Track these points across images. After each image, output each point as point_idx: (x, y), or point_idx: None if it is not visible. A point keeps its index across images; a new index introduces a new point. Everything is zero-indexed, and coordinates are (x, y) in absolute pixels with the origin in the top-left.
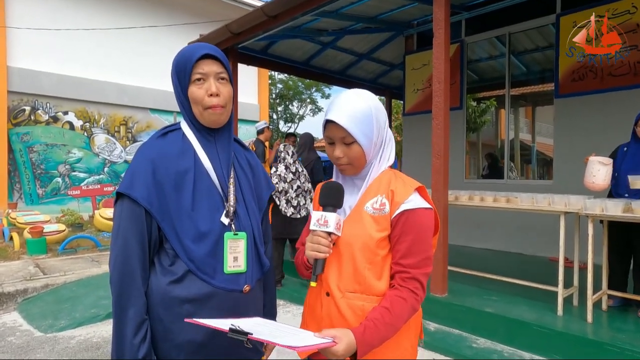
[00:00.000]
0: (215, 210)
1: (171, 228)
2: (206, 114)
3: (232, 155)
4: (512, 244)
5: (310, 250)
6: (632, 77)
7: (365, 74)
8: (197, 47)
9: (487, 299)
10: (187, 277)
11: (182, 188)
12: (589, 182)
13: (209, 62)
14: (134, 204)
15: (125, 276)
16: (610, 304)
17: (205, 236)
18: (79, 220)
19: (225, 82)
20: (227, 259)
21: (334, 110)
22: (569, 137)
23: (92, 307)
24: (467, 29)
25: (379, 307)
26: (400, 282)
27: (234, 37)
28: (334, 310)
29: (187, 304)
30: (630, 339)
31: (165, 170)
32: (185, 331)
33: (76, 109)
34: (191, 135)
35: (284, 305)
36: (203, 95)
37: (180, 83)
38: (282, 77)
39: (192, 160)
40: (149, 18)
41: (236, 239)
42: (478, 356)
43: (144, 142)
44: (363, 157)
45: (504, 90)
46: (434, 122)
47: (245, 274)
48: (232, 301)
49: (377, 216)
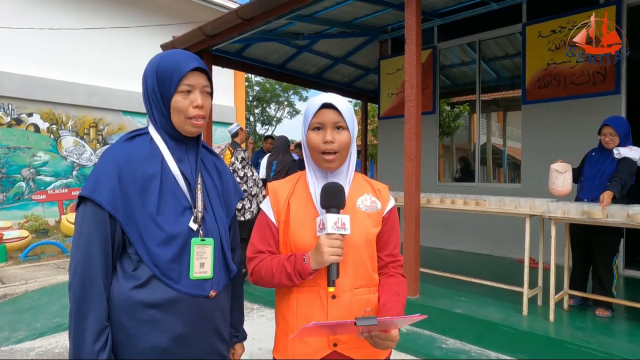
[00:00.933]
0: (181, 215)
1: (136, 232)
2: (187, 124)
3: (200, 162)
4: (482, 245)
5: (331, 255)
6: (591, 86)
7: (341, 78)
8: (186, 57)
9: (458, 300)
10: (151, 282)
11: (148, 193)
12: (550, 188)
13: (198, 74)
14: (98, 208)
15: (87, 282)
16: (570, 303)
17: (170, 241)
18: (43, 226)
19: (208, 95)
20: (194, 264)
21: (329, 97)
22: (536, 141)
23: (55, 316)
24: (440, 36)
25: (390, 294)
26: (393, 270)
27: (208, 39)
28: (343, 311)
29: (150, 309)
30: (587, 337)
31: (131, 174)
32: (148, 337)
33: (42, 110)
34: (160, 140)
35: (258, 309)
36: (188, 106)
37: (162, 90)
38: (259, 79)
39: (159, 165)
40: (120, 18)
41: (203, 245)
42: (447, 356)
43: (109, 146)
44: (348, 147)
45: (475, 95)
46: (406, 126)
47: (211, 279)
48: (198, 306)
49: (371, 213)
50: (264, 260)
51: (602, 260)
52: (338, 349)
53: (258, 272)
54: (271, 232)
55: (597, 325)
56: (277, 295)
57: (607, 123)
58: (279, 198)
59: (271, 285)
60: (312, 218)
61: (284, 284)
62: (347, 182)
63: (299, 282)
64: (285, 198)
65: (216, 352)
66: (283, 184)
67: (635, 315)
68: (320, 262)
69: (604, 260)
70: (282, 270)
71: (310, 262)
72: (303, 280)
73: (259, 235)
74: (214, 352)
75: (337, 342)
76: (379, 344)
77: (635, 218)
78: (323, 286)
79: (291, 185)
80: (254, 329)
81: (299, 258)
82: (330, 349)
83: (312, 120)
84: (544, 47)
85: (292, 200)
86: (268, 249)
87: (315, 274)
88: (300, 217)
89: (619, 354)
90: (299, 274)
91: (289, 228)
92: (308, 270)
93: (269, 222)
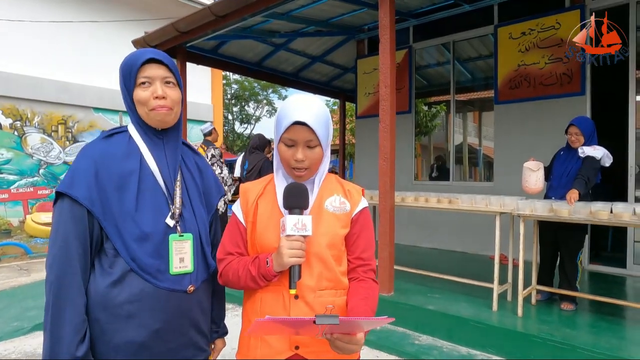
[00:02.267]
0: (159, 211)
1: (113, 228)
2: (152, 115)
3: (180, 158)
4: (456, 243)
5: (291, 257)
6: (558, 87)
7: (319, 77)
8: (142, 52)
9: (431, 297)
10: (128, 277)
11: (126, 189)
12: (524, 186)
13: (155, 66)
14: (75, 204)
15: (65, 276)
16: (538, 298)
17: (148, 237)
18: (5, 226)
19: (172, 86)
20: (173, 260)
21: (302, 112)
22: (507, 141)
23: (15, 319)
24: (415, 36)
25: (358, 299)
26: (363, 275)
27: (181, 35)
28: (305, 311)
29: (127, 304)
30: (552, 330)
31: (108, 170)
32: (124, 332)
33: (3, 106)
34: (138, 137)
35: (233, 308)
36: (149, 97)
37: (126, 86)
38: (237, 77)
39: (137, 162)
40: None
41: (182, 240)
42: (420, 353)
43: (87, 143)
44: (320, 162)
45: (450, 95)
46: (381, 125)
47: (191, 274)
48: (176, 301)
49: (339, 214)
50: (232, 262)
51: (568, 255)
52: (300, 352)
53: (226, 274)
54: (240, 233)
55: (562, 318)
56: (245, 295)
57: (573, 123)
58: (248, 198)
59: (238, 287)
60: (277, 219)
61: (250, 286)
62: (316, 184)
63: (264, 285)
64: (254, 199)
65: (195, 346)
66: (254, 185)
67: (597, 308)
68: (281, 264)
69: (570, 255)
70: (247, 273)
71: (273, 264)
72: (268, 283)
73: (229, 237)
74: (192, 346)
75: (299, 345)
76: (341, 348)
77: (597, 214)
78: (287, 286)
79: (262, 187)
80: (228, 329)
81: (262, 261)
82: (292, 352)
83: (283, 135)
84: (514, 48)
85: (261, 201)
86: (237, 251)
87: (280, 275)
88: (265, 218)
89: (581, 345)
90: (263, 277)
91: (256, 229)
92: (271, 272)
93: (238, 223)
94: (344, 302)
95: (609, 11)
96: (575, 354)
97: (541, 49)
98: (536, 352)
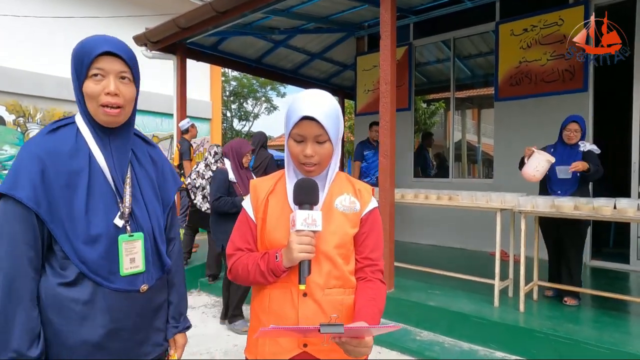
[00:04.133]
0: (110, 211)
1: (62, 230)
2: (100, 113)
3: (131, 153)
4: (455, 239)
5: (300, 252)
6: (560, 83)
7: (318, 74)
8: (99, 41)
9: (431, 293)
10: (79, 279)
11: (75, 189)
12: (529, 174)
13: (111, 59)
14: (19, 205)
15: (13, 278)
16: (549, 294)
17: (98, 238)
18: None
19: (128, 82)
20: (123, 261)
21: (311, 107)
22: (507, 138)
23: None
24: (415, 33)
25: (365, 299)
26: (371, 275)
27: (182, 31)
28: (313, 309)
29: (80, 305)
30: (555, 325)
31: (55, 169)
32: (79, 333)
33: (7, 102)
34: (86, 131)
35: None
36: (100, 91)
37: (77, 76)
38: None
39: (86, 159)
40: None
41: (132, 241)
42: (421, 348)
43: (30, 138)
44: (330, 157)
45: (450, 92)
46: (381, 122)
47: (143, 274)
48: (129, 301)
49: (348, 213)
50: (241, 258)
51: (574, 248)
52: (308, 349)
53: (235, 269)
54: (250, 230)
55: (564, 314)
56: (253, 291)
57: (575, 120)
58: (259, 195)
59: (248, 282)
60: (287, 216)
61: (259, 281)
62: (327, 182)
63: (273, 280)
64: (264, 195)
65: (150, 342)
66: (264, 181)
67: (600, 304)
68: (290, 259)
69: (576, 248)
70: (256, 268)
71: (283, 259)
72: (277, 278)
73: (239, 233)
74: (147, 342)
75: (307, 343)
76: (351, 351)
77: (600, 210)
78: (295, 283)
79: (272, 183)
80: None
81: (271, 256)
82: (300, 349)
83: (293, 131)
84: (516, 45)
85: (271, 198)
86: (247, 247)
87: (289, 271)
88: (276, 215)
89: (584, 340)
90: (272, 272)
91: (265, 225)
92: (281, 268)
93: (248, 219)
94: (352, 301)
95: (614, 7)
96: (578, 349)
97: (543, 46)
98: (539, 347)
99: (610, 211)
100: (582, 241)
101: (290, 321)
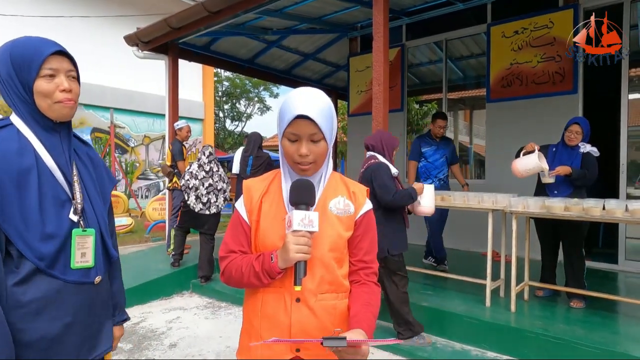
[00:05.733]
0: (61, 208)
1: (15, 230)
2: (57, 107)
3: (74, 152)
4: (448, 240)
5: (297, 252)
6: (551, 85)
7: (311, 74)
8: (43, 41)
9: (424, 294)
10: (35, 276)
11: (26, 188)
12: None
13: (60, 58)
14: None
15: None
16: (540, 294)
17: (53, 235)
18: None
19: (75, 80)
20: (75, 255)
21: (305, 106)
22: (499, 139)
23: None
24: (408, 34)
25: (361, 304)
26: (365, 278)
27: (174, 31)
28: (306, 315)
29: (35, 302)
30: (546, 325)
31: (4, 168)
32: (36, 329)
33: None
34: (28, 132)
35: (226, 307)
36: (54, 89)
37: (21, 75)
38: (228, 74)
39: (33, 158)
40: (80, 7)
41: (84, 235)
42: (414, 349)
43: None
44: (325, 156)
45: (442, 94)
46: (374, 123)
47: (93, 268)
48: (85, 293)
49: (342, 216)
50: (235, 260)
51: (574, 246)
52: (301, 354)
53: (229, 271)
54: (244, 231)
55: (555, 314)
56: (245, 294)
57: (577, 122)
58: (252, 196)
59: (241, 285)
60: (281, 218)
61: (253, 283)
62: (321, 182)
63: (268, 282)
64: (258, 197)
65: (102, 334)
66: (257, 182)
67: (590, 304)
68: (286, 260)
69: (576, 246)
70: (250, 270)
71: (278, 260)
72: (272, 280)
73: (231, 234)
74: (100, 334)
75: (299, 348)
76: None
77: (590, 211)
78: (288, 288)
79: (266, 184)
80: (222, 327)
81: (267, 257)
82: (293, 354)
83: (287, 130)
84: (507, 47)
85: (265, 199)
86: (240, 249)
87: (283, 275)
88: (270, 217)
89: (574, 339)
90: (267, 273)
91: (259, 227)
92: (276, 269)
93: (241, 221)
94: (345, 306)
95: (603, 10)
96: (568, 349)
97: (534, 48)
98: (530, 347)
99: (600, 212)
100: (583, 235)
101: (283, 326)
